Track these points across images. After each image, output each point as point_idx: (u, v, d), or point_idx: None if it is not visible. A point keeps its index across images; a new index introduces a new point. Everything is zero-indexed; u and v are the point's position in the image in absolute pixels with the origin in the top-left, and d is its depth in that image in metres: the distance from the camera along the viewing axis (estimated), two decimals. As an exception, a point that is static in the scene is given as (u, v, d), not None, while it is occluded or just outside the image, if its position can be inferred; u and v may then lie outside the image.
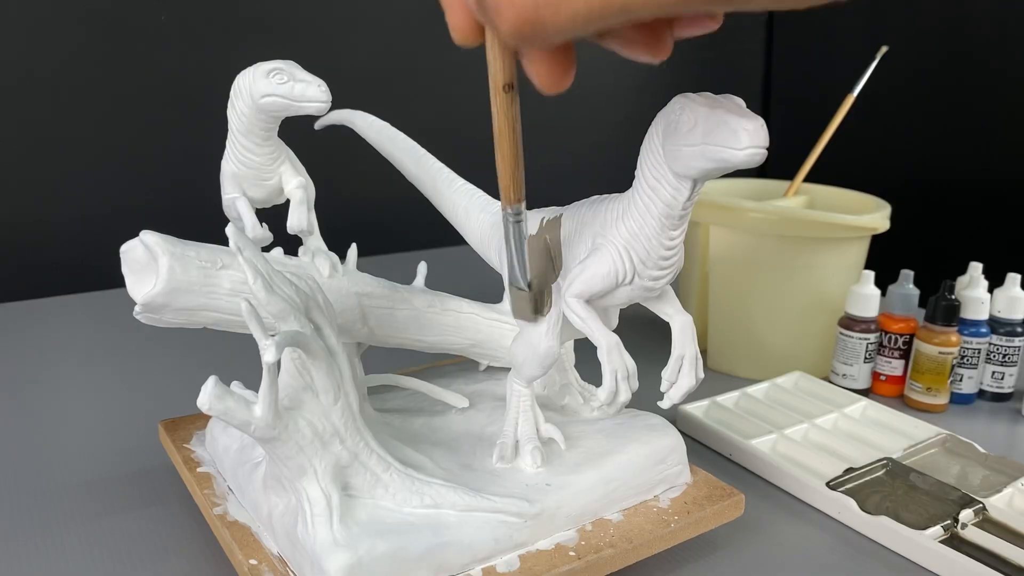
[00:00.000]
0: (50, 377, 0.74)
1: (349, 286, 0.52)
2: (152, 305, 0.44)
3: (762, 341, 0.76)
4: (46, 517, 0.52)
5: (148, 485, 0.56)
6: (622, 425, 0.52)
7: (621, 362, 0.43)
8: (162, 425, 0.57)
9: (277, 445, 0.40)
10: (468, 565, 0.42)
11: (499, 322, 0.57)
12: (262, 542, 0.44)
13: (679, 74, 1.49)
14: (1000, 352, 0.73)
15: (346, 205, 0.94)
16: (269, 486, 0.44)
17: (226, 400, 0.38)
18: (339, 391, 0.42)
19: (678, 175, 0.39)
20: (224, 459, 0.50)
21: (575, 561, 0.44)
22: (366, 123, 0.59)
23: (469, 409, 0.55)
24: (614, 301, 0.44)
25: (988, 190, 1.23)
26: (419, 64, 1.21)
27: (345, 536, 0.40)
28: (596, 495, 0.47)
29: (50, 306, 0.93)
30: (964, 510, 0.53)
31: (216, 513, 0.47)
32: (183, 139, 1.02)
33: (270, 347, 0.37)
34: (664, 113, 0.39)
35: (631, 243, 0.42)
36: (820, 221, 0.71)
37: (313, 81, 0.46)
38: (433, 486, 0.44)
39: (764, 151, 0.36)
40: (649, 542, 0.46)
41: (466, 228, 0.55)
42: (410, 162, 0.58)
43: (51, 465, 0.59)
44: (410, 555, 0.41)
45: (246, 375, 0.46)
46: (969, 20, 1.24)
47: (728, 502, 0.50)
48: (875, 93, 0.87)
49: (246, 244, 0.41)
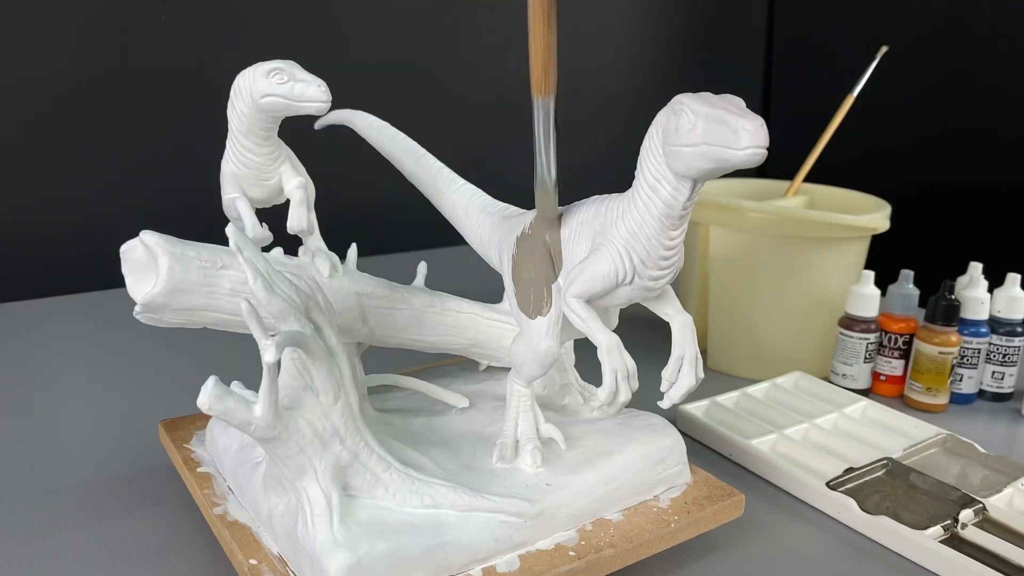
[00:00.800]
0: (50, 377, 0.74)
1: (349, 286, 0.52)
2: (152, 305, 0.44)
3: (762, 341, 0.76)
4: (46, 517, 0.52)
5: (148, 485, 0.56)
6: (622, 425, 0.52)
7: (621, 362, 0.43)
8: (162, 425, 0.57)
9: (277, 445, 0.40)
10: (468, 565, 0.42)
11: (499, 322, 0.57)
12: (262, 542, 0.44)
13: (679, 74, 1.50)
14: (1000, 352, 0.73)
15: (346, 205, 0.94)
16: (269, 486, 0.44)
17: (226, 400, 0.38)
18: (339, 391, 0.42)
19: (678, 175, 0.39)
20: (224, 459, 0.50)
21: (575, 561, 0.44)
22: (366, 123, 0.59)
23: (469, 409, 0.55)
24: (614, 301, 0.44)
25: (988, 190, 1.23)
26: (419, 64, 1.21)
27: (345, 536, 0.40)
28: (596, 495, 0.47)
29: (50, 306, 0.93)
30: (964, 510, 0.53)
31: (216, 513, 0.47)
32: (183, 139, 1.02)
33: (270, 347, 0.37)
34: (664, 113, 0.40)
35: (631, 243, 0.42)
36: (820, 221, 0.71)
37: (313, 81, 0.46)
38: (433, 486, 0.44)
39: (764, 151, 0.36)
40: (649, 542, 0.46)
41: (466, 228, 0.55)
42: (410, 162, 0.58)
43: (51, 465, 0.59)
44: (410, 555, 0.41)
45: (246, 375, 0.46)
46: (969, 20, 1.24)
47: (728, 502, 0.50)
48: (875, 93, 0.87)
49: (246, 244, 0.41)
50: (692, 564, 0.50)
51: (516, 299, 0.48)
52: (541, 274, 0.46)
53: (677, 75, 1.49)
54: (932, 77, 1.29)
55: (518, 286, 0.47)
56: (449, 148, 0.63)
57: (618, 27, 1.42)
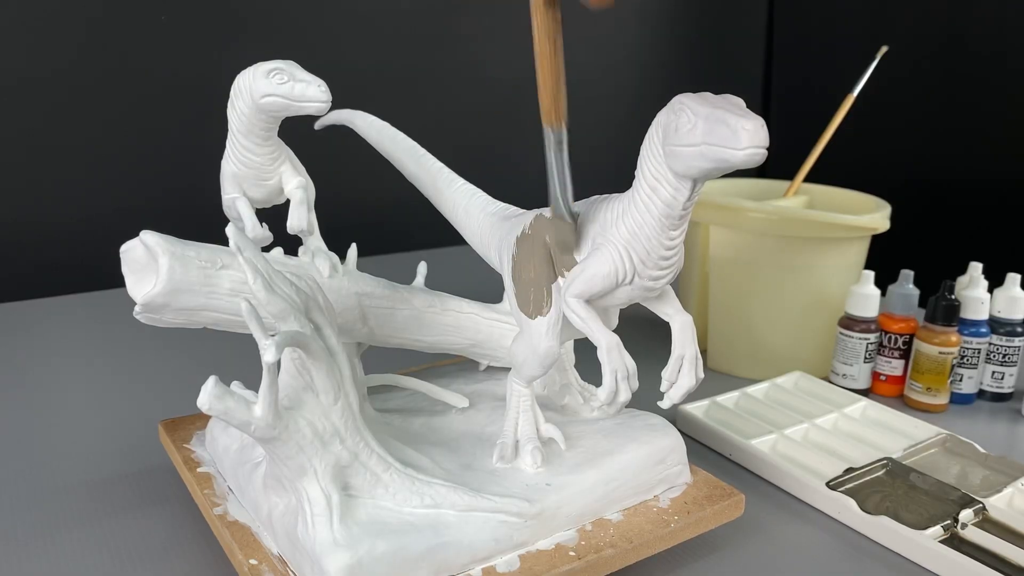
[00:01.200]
0: (49, 377, 0.74)
1: (349, 286, 0.52)
2: (152, 305, 0.44)
3: (762, 341, 0.76)
4: (46, 517, 0.52)
5: (148, 485, 0.56)
6: (622, 425, 0.52)
7: (621, 362, 0.43)
8: (162, 425, 0.57)
9: (277, 445, 0.40)
10: (468, 565, 0.42)
11: (499, 322, 0.57)
12: (262, 542, 0.44)
13: (679, 74, 1.50)
14: (1000, 352, 0.73)
15: (346, 205, 0.94)
16: (269, 486, 0.44)
17: (226, 400, 0.38)
18: (339, 391, 0.42)
19: (678, 175, 0.39)
20: (224, 459, 0.50)
21: (575, 561, 0.44)
22: (366, 123, 0.59)
23: (469, 409, 0.55)
24: (614, 301, 0.44)
25: (988, 190, 1.23)
26: (419, 64, 1.21)
27: (345, 536, 0.40)
28: (596, 495, 0.47)
29: (50, 306, 0.93)
30: (964, 510, 0.53)
31: (216, 513, 0.47)
32: (183, 139, 1.02)
33: (270, 347, 0.37)
34: (664, 113, 0.40)
35: (631, 243, 0.42)
36: (820, 221, 0.71)
37: (313, 81, 0.46)
38: (433, 486, 0.44)
39: (764, 151, 0.36)
40: (649, 542, 0.46)
41: (466, 228, 0.55)
42: (410, 162, 0.58)
43: (51, 465, 0.59)
44: (410, 555, 0.41)
45: (246, 375, 0.46)
46: (969, 20, 1.24)
47: (728, 502, 0.50)
48: (875, 93, 0.87)
49: (246, 244, 0.41)
50: (692, 564, 0.49)
51: (516, 299, 0.48)
52: (541, 274, 0.46)
53: (677, 75, 1.49)
54: (932, 77, 1.29)
55: (518, 286, 0.47)
56: (449, 148, 0.63)
57: (618, 27, 1.42)
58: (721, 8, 1.53)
